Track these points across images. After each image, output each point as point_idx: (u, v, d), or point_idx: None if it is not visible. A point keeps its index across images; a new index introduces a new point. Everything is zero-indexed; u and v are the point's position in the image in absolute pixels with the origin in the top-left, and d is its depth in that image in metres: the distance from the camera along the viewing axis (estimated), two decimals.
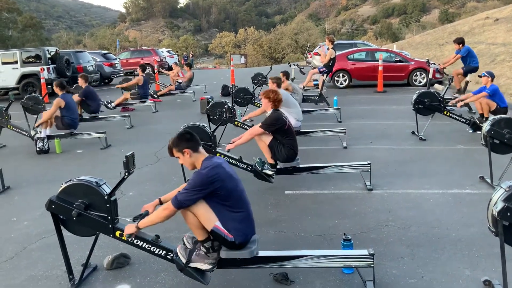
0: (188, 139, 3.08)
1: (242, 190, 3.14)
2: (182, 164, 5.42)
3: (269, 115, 5.28)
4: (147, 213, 3.23)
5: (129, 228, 3.13)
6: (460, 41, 10.37)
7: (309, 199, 5.15)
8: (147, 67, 23.98)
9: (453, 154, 6.82)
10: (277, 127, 5.19)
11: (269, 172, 5.27)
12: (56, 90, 8.02)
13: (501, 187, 2.94)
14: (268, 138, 5.26)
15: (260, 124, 5.33)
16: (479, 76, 8.09)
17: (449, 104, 8.22)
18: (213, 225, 3.01)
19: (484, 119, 7.44)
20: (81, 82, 9.59)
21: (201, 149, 3.12)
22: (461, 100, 8.11)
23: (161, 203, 3.36)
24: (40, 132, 7.91)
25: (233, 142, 5.45)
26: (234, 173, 3.13)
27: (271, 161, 5.35)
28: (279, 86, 7.33)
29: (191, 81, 14.52)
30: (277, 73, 9.42)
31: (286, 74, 9.10)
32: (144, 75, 12.16)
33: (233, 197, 3.03)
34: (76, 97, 9.46)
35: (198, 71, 29.09)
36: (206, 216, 3.00)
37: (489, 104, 7.62)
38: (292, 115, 7.02)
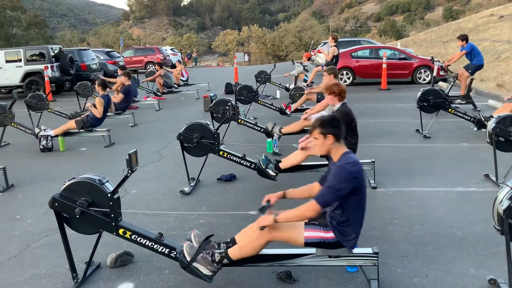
0: (336, 125, 2.97)
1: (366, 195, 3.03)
2: (185, 162, 5.48)
3: (339, 109, 5.04)
4: (269, 204, 3.18)
5: (266, 220, 2.96)
6: (464, 38, 10.31)
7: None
8: (150, 65, 24.09)
9: (458, 152, 6.79)
10: (344, 122, 5.03)
11: (272, 173, 5.24)
12: (98, 89, 8.24)
13: (507, 185, 2.92)
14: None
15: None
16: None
17: (505, 99, 8.13)
18: (303, 238, 2.97)
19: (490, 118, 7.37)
20: (125, 80, 10.17)
21: (342, 141, 3.00)
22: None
23: (284, 197, 3.28)
24: (46, 129, 7.92)
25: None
26: None
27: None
28: (336, 76, 7.04)
29: (169, 78, 14.46)
30: (280, 71, 9.39)
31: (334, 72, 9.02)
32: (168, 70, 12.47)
33: (362, 201, 2.97)
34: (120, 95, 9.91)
35: (202, 69, 29.09)
36: (291, 233, 2.98)
37: None
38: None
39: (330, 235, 2.98)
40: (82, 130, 7.98)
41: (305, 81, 12.87)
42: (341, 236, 2.97)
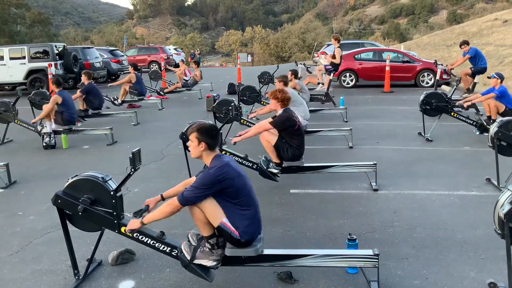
0: (212, 136, 3.09)
1: (250, 188, 3.14)
2: (187, 161, 5.49)
3: (280, 114, 5.24)
4: (147, 208, 3.24)
5: (133, 224, 3.13)
6: (467, 43, 10.35)
7: (314, 199, 5.14)
8: (154, 64, 24.16)
9: (460, 155, 6.79)
10: (286, 126, 5.17)
11: (274, 171, 5.26)
12: (53, 87, 8.18)
13: (508, 189, 2.92)
14: (273, 138, 5.24)
15: (269, 119, 5.30)
16: (488, 78, 8.03)
17: (456, 104, 8.20)
18: (219, 221, 3.01)
19: (491, 121, 7.40)
20: (84, 78, 9.67)
21: (216, 149, 3.13)
22: (469, 101, 8.06)
23: (163, 199, 3.38)
24: (46, 126, 7.95)
25: (240, 135, 5.46)
26: (242, 171, 3.14)
27: (276, 160, 5.34)
28: (285, 84, 7.28)
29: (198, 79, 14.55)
30: (284, 72, 9.41)
31: (295, 72, 9.06)
32: (136, 72, 12.13)
33: (242, 195, 3.04)
34: (78, 94, 9.51)
35: (205, 69, 29.11)
36: (212, 212, 3.01)
37: (497, 106, 7.56)
38: (299, 114, 6.98)
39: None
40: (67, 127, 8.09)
41: (318, 83, 12.81)
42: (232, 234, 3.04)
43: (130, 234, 3.20)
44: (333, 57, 11.44)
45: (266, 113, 7.03)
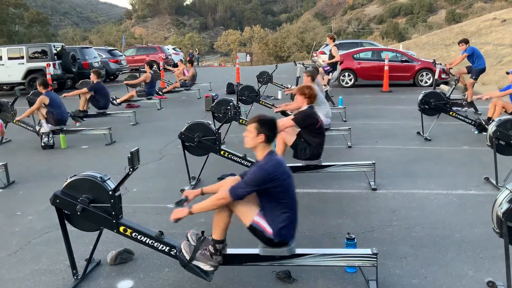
0: (272, 129, 3.06)
1: (294, 190, 3.11)
2: (186, 161, 5.49)
3: (303, 110, 5.18)
4: (186, 199, 3.22)
5: (180, 212, 3.07)
6: (465, 41, 10.35)
7: (313, 198, 5.14)
8: (154, 64, 24.16)
9: (458, 155, 6.80)
10: (307, 124, 5.13)
11: None
12: (40, 88, 8.09)
13: (507, 188, 2.93)
14: (291, 139, 5.20)
15: (292, 116, 5.26)
16: (507, 73, 7.94)
17: (476, 99, 8.18)
18: (251, 220, 3.00)
19: (491, 121, 7.39)
20: (93, 77, 9.73)
21: (272, 143, 3.10)
22: (488, 95, 7.96)
23: (202, 193, 3.32)
24: (43, 126, 7.93)
25: None
26: (291, 172, 3.11)
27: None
28: (313, 79, 7.15)
29: (195, 78, 14.54)
30: (282, 72, 9.41)
31: (316, 70, 9.03)
32: (151, 72, 12.17)
33: (287, 197, 3.01)
34: (84, 90, 9.53)
35: (203, 69, 29.13)
36: (246, 210, 3.01)
37: (506, 106, 7.47)
38: (322, 112, 6.89)
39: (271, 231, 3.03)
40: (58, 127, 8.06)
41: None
42: (267, 233, 3.02)
43: (174, 222, 3.11)
44: (330, 57, 11.45)
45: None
